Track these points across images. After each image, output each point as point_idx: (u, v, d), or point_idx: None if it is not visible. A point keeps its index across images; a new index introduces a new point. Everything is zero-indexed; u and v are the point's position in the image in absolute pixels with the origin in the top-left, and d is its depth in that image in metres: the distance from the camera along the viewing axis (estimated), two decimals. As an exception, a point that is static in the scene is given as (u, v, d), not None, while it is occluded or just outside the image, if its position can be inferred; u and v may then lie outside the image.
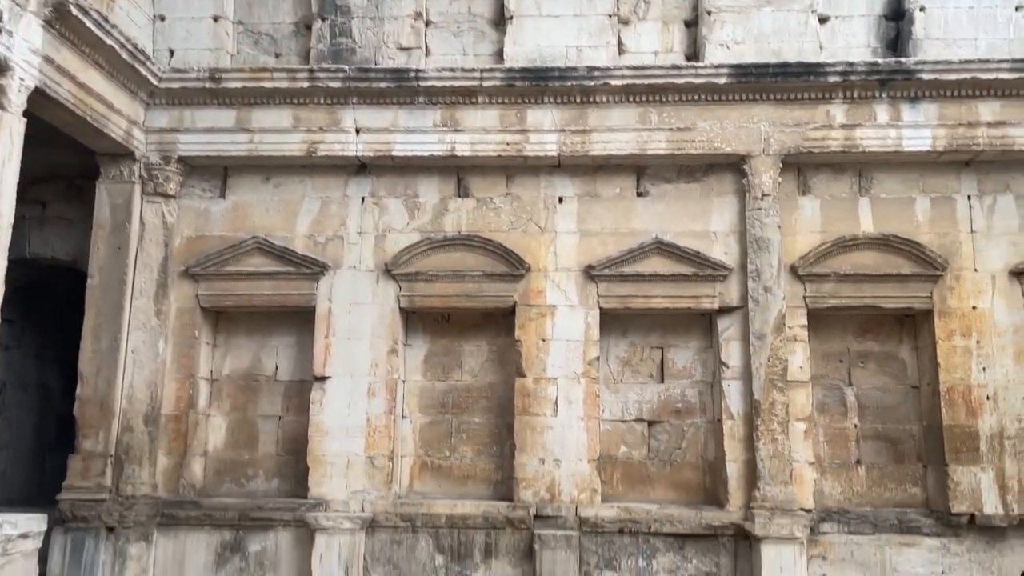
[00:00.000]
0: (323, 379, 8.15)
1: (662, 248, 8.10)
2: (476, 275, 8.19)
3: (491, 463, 8.31)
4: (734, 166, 8.17)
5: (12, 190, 6.31)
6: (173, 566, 7.85)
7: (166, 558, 7.86)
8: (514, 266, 8.18)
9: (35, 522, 5.90)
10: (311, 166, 8.49)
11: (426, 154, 8.24)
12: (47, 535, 6.15)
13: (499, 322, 8.45)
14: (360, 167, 8.48)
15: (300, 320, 8.46)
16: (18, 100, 6.33)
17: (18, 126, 6.36)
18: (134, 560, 7.64)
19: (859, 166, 8.20)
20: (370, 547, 7.74)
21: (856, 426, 8.16)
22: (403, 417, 8.35)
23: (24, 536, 5.71)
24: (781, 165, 8.03)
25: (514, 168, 8.40)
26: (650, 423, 8.32)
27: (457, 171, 8.47)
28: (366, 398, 8.10)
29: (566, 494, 7.79)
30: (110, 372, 7.96)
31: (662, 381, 8.38)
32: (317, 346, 8.23)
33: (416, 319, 8.53)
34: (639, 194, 8.36)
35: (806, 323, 7.99)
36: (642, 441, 8.29)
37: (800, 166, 8.23)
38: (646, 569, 7.63)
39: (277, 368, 8.62)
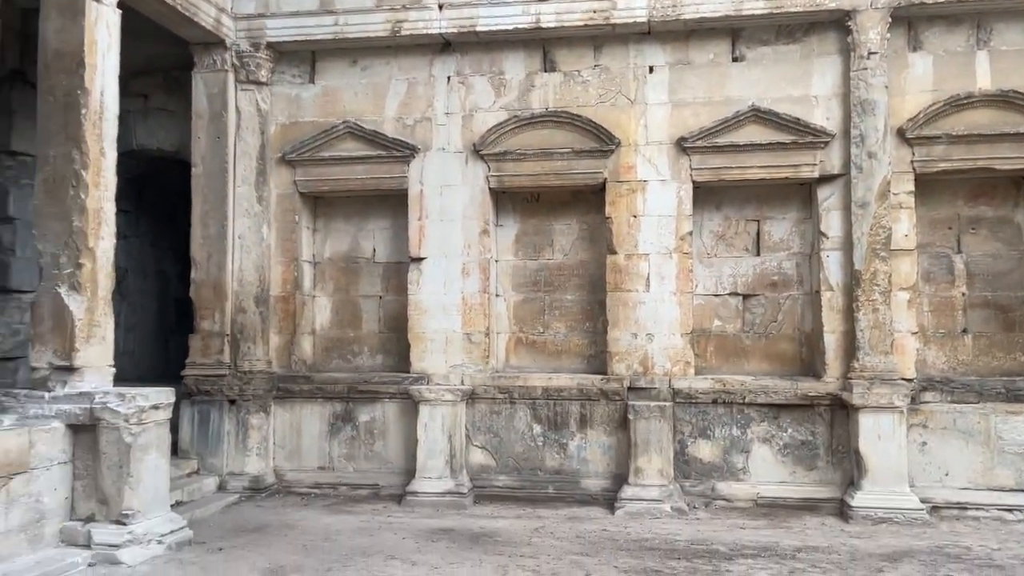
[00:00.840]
0: (418, 260, 8.36)
1: (759, 116, 7.77)
2: (564, 152, 8.09)
3: (584, 338, 8.46)
4: (837, 23, 7.65)
5: (114, 81, 6.53)
6: (291, 434, 8.45)
7: (284, 427, 8.46)
8: (603, 141, 8.03)
9: (164, 395, 6.41)
10: (396, 47, 8.43)
11: (511, 27, 8.04)
12: (176, 407, 6.70)
13: (589, 200, 8.39)
14: (444, 45, 8.37)
15: (394, 203, 8.62)
16: (112, -8, 6.46)
17: (114, 17, 6.51)
18: (255, 429, 8.27)
19: (977, 16, 7.54)
20: (471, 417, 8.11)
21: (964, 295, 7.85)
22: (497, 295, 8.53)
23: (156, 407, 6.23)
24: (890, 20, 7.47)
25: (602, 38, 8.12)
26: (745, 296, 8.23)
27: (543, 44, 8.25)
28: (460, 278, 8.30)
29: (659, 367, 7.89)
30: (220, 257, 8.39)
31: (758, 254, 8.22)
32: (411, 228, 8.41)
33: (506, 199, 8.56)
34: (734, 59, 7.97)
35: (913, 189, 7.61)
36: (736, 315, 8.24)
37: (911, 19, 7.63)
38: (740, 438, 7.74)
39: (375, 250, 8.89)
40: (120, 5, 6.57)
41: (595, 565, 5.72)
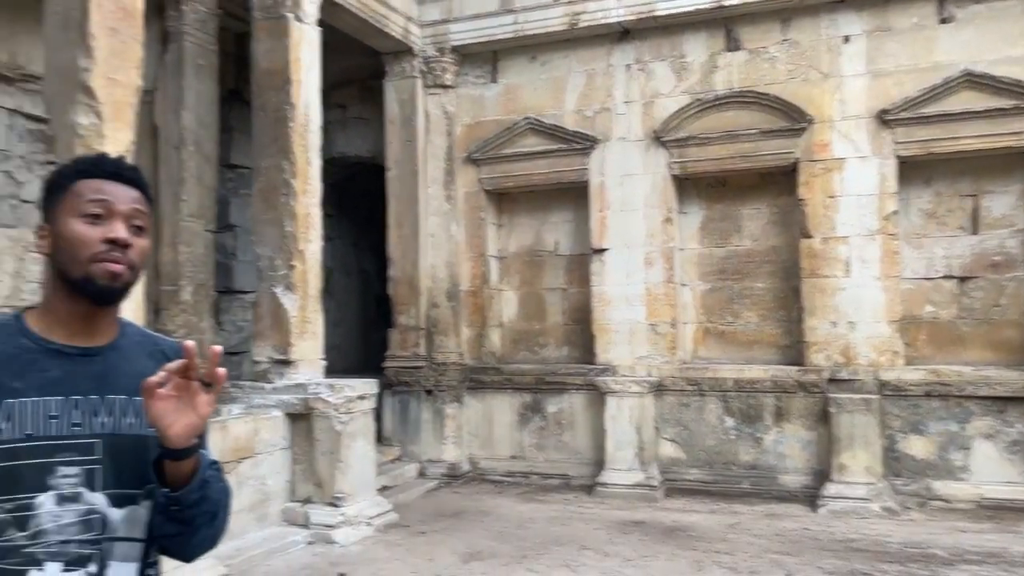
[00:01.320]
0: (601, 251, 8.36)
1: (973, 80, 7.07)
2: (751, 133, 7.77)
3: (777, 328, 8.09)
4: (1068, -31, 6.81)
5: (317, 95, 7.03)
6: (483, 424, 8.74)
7: (477, 417, 8.77)
8: (794, 119, 7.63)
9: (369, 386, 6.84)
10: (574, 39, 8.46)
11: (691, 9, 7.83)
12: (378, 397, 7.12)
13: (779, 182, 8.01)
14: (622, 34, 8.29)
15: (575, 195, 8.67)
16: (312, 11, 6.95)
17: (314, 35, 7.00)
18: (450, 418, 8.63)
19: None
20: (659, 409, 8.00)
21: None
22: (682, 285, 8.36)
23: (362, 398, 6.65)
24: None
25: (790, 11, 7.71)
26: (961, 279, 7.53)
27: (725, 23, 7.97)
28: (643, 268, 8.20)
29: (863, 357, 7.39)
30: (414, 255, 8.82)
31: (975, 233, 7.49)
32: (593, 220, 8.41)
33: (689, 185, 8.35)
34: (942, 21, 7.29)
35: None
36: (951, 299, 7.55)
37: None
38: (959, 434, 7.09)
39: (557, 243, 8.98)
40: (319, 23, 7.06)
41: (797, 565, 5.47)
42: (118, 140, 4.91)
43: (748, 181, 8.16)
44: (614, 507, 7.25)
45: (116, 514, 1.35)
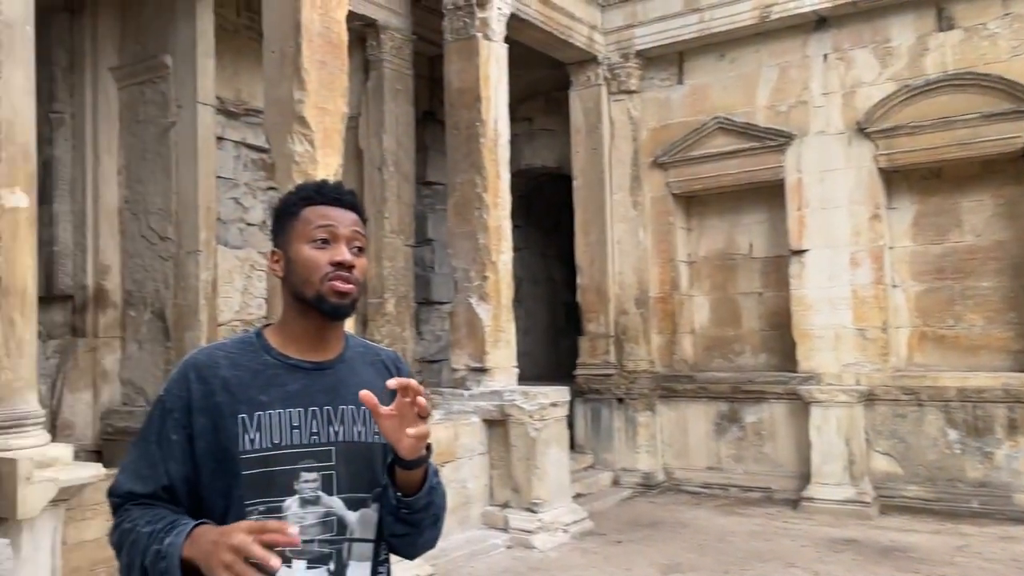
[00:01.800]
0: (799, 252, 7.94)
1: None
2: (970, 119, 7.09)
3: (1007, 331, 7.30)
4: None
5: (505, 110, 7.22)
6: (677, 433, 8.56)
7: (670, 426, 8.60)
8: (1019, 100, 6.88)
9: (561, 393, 6.90)
10: (765, 33, 8.12)
11: (896, -11, 7.28)
12: (570, 404, 7.17)
13: (1005, 170, 7.25)
14: (819, 22, 7.85)
15: (769, 195, 8.30)
16: (499, 28, 7.15)
17: (502, 52, 7.20)
18: (643, 427, 8.52)
19: None
20: (870, 420, 7.46)
21: None
22: (893, 286, 7.75)
23: (554, 405, 6.73)
24: None
25: (1013, -20, 6.98)
26: None
27: (935, 2, 7.33)
28: (848, 269, 7.70)
29: (1115, 363, 6.51)
30: (601, 262, 8.82)
31: None
32: (790, 219, 8.02)
33: (899, 179, 7.74)
34: None
35: None
36: None
37: None
38: None
39: (751, 245, 8.64)
40: (505, 39, 7.25)
41: (1041, 596, 4.89)
42: (328, 165, 5.28)
43: (967, 171, 7.45)
44: (822, 523, 6.83)
45: (351, 516, 1.45)
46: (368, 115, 8.16)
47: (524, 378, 7.50)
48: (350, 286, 1.46)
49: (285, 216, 1.52)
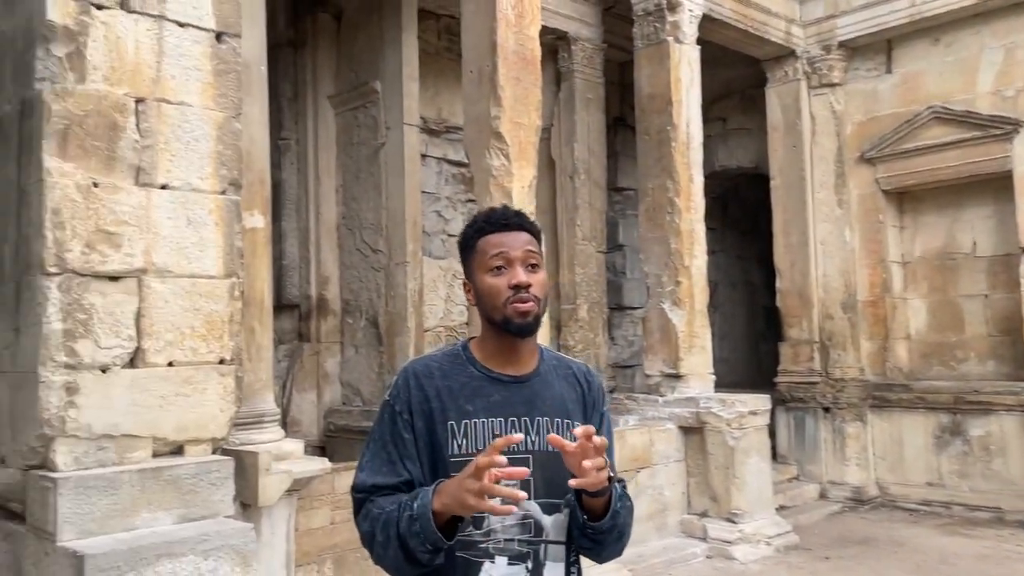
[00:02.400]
0: (1034, 249, 7.18)
1: None
2: None
3: None
4: None
5: (697, 113, 7.12)
6: (891, 445, 8.00)
7: (883, 438, 8.05)
8: None
9: (761, 401, 6.69)
10: (987, 12, 7.43)
11: None
12: (771, 413, 6.92)
13: None
14: (1052, -6, 7.07)
15: (994, 188, 7.58)
16: (690, 31, 7.07)
17: (694, 54, 7.11)
18: (852, 438, 8.04)
19: None
20: (1124, 437, 6.60)
21: None
22: None
23: (753, 413, 6.53)
24: None
25: None
26: None
27: None
28: (1094, 266, 6.86)
29: None
30: (803, 264, 8.43)
31: None
32: (1020, 214, 7.27)
33: None
34: None
35: None
36: None
37: None
38: None
39: (975, 243, 7.92)
40: (698, 41, 7.15)
41: None
42: (523, 176, 5.48)
43: None
44: (1065, 551, 6.14)
45: (547, 520, 1.57)
46: (560, 125, 8.35)
47: (721, 385, 7.33)
48: (529, 304, 1.57)
49: (465, 250, 1.68)
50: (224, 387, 3.87)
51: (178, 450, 3.80)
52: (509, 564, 1.52)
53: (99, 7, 3.69)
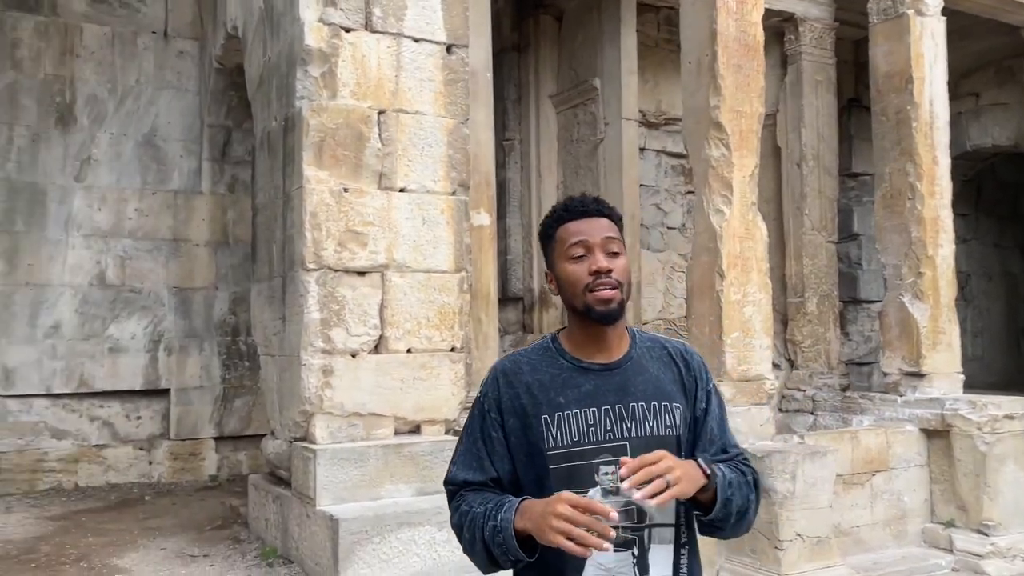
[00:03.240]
0: None
1: None
2: None
3: None
4: None
5: (943, 89, 6.52)
6: None
7: None
8: None
9: (1018, 404, 6.02)
10: None
11: None
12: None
13: None
14: None
15: None
16: (934, 2, 6.50)
17: (938, 27, 6.52)
18: None
19: None
20: None
21: None
22: None
23: (1010, 417, 5.89)
24: None
25: None
26: None
27: None
28: None
29: None
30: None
31: None
32: None
33: None
34: None
35: None
36: None
37: None
38: None
39: None
40: (943, 12, 6.56)
41: None
42: (744, 166, 5.36)
43: None
44: None
45: (650, 503, 1.50)
46: (786, 111, 8.01)
47: (974, 386, 6.68)
48: (611, 291, 1.55)
49: (545, 240, 1.66)
50: (455, 373, 4.18)
51: (415, 429, 4.17)
52: (616, 551, 1.49)
53: (347, 30, 4.13)
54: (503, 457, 1.59)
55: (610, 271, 1.55)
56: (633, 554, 1.55)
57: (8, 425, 6.46)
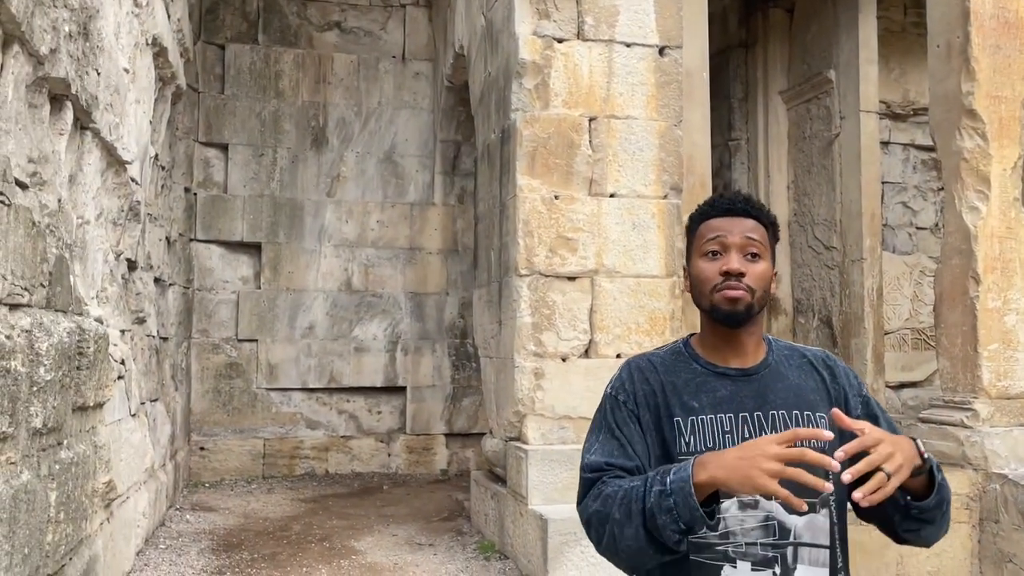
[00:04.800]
0: None
1: None
2: None
3: None
4: None
5: None
6: None
7: None
8: None
9: None
10: None
11: None
12: None
13: None
14: None
15: None
16: None
17: None
18: None
19: None
20: None
21: None
22: None
23: None
24: None
25: None
26: None
27: None
28: None
29: None
30: None
31: None
32: None
33: None
34: None
35: None
36: None
37: None
38: None
39: None
40: None
41: None
42: (1004, 157, 4.77)
43: None
44: None
45: (795, 521, 1.40)
46: (1064, 92, 6.98)
47: None
48: (739, 293, 1.44)
49: (688, 235, 1.58)
50: (666, 380, 4.09)
51: (625, 436, 4.12)
52: (753, 570, 1.39)
53: (560, 40, 4.21)
54: (642, 446, 1.48)
55: (742, 274, 1.45)
56: (775, 573, 1.40)
57: (272, 415, 7.28)
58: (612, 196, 4.13)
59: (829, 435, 1.26)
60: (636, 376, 1.54)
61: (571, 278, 4.09)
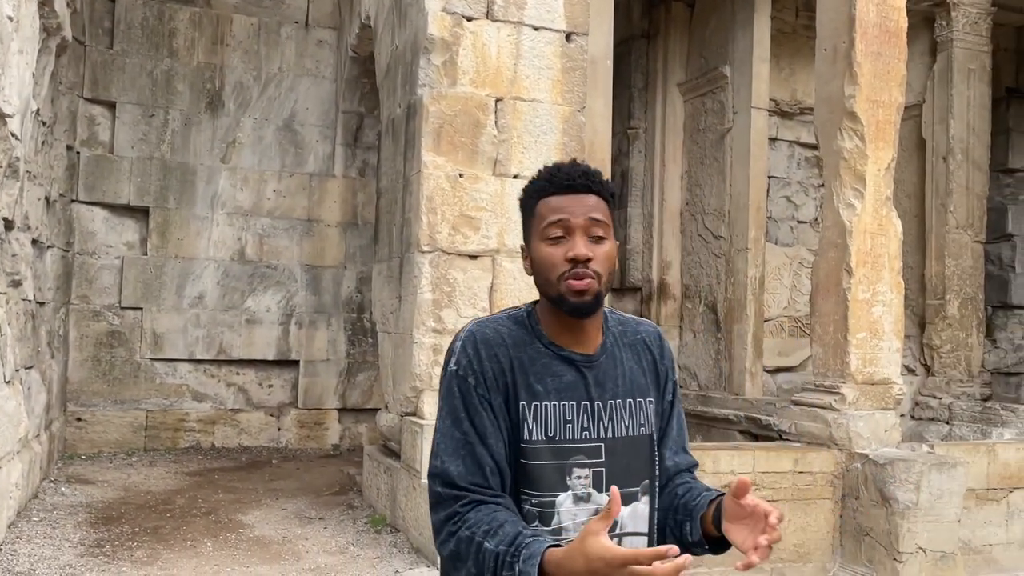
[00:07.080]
0: None
1: None
2: None
3: None
4: None
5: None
6: None
7: None
8: None
9: None
10: None
11: None
12: None
13: None
14: None
15: None
16: (1109, -19, 5.91)
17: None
18: None
19: None
20: None
21: None
22: None
23: None
24: None
25: None
26: None
27: None
28: None
29: None
30: None
31: None
32: None
33: None
34: None
35: None
36: None
37: None
38: None
39: None
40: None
41: None
42: (879, 159, 5.09)
43: None
44: None
45: (623, 512, 1.39)
46: (933, 100, 7.50)
47: None
48: (586, 282, 1.35)
49: (524, 212, 1.45)
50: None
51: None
52: None
53: (469, 19, 4.22)
54: (496, 438, 1.36)
55: (589, 259, 1.35)
56: None
57: (156, 386, 7.03)
58: (515, 177, 4.19)
59: (675, 551, 1.16)
60: (484, 352, 1.39)
61: (473, 256, 4.13)
